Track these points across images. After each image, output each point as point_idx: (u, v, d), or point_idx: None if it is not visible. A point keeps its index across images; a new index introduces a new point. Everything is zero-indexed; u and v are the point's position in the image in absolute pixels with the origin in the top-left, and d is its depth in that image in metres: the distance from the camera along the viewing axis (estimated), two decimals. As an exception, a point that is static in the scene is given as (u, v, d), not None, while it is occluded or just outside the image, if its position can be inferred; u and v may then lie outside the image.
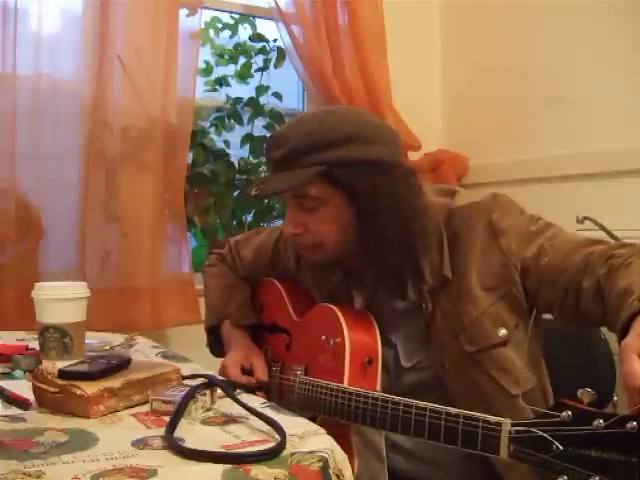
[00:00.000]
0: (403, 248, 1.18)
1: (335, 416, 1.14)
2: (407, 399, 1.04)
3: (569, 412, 0.80)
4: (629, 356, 0.82)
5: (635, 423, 0.74)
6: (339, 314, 1.23)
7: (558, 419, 0.81)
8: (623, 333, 0.89)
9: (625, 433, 0.75)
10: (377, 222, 1.16)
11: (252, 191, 1.23)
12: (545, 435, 0.82)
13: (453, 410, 0.97)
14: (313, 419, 1.16)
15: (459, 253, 1.18)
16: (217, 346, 1.51)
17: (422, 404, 1.01)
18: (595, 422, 0.77)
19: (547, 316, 1.22)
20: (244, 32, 2.72)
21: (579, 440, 0.79)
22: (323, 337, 1.24)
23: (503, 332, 1.15)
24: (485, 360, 1.16)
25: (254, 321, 1.48)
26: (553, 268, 1.11)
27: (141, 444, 0.82)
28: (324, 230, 1.20)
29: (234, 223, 2.64)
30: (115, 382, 0.96)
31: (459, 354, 1.17)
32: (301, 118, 1.24)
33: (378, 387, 1.18)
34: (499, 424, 0.89)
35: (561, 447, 0.80)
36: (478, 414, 0.93)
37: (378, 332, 1.22)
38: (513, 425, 0.88)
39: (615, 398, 0.79)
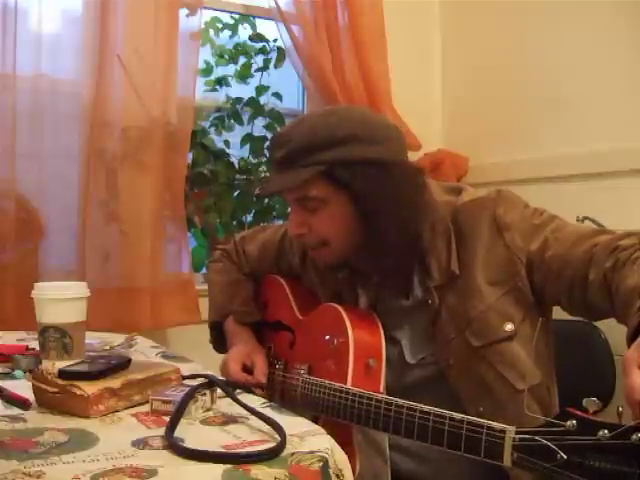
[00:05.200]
0: (405, 248, 1.18)
1: (338, 417, 1.15)
2: (411, 402, 1.04)
3: (574, 421, 0.79)
4: (631, 370, 0.82)
5: None
6: (343, 314, 1.23)
7: (563, 428, 0.80)
8: (632, 338, 0.90)
9: (630, 445, 0.74)
10: (378, 222, 1.17)
11: (256, 190, 1.24)
12: (549, 444, 0.81)
13: (457, 415, 0.96)
14: (316, 419, 1.16)
15: (465, 248, 1.18)
16: (220, 342, 1.51)
17: (426, 408, 1.01)
18: (600, 432, 0.76)
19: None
20: (244, 32, 2.71)
21: (583, 450, 0.78)
22: (327, 337, 1.24)
23: (509, 327, 1.15)
24: (491, 355, 1.16)
25: (257, 318, 1.48)
26: (558, 261, 1.12)
27: (141, 444, 0.82)
28: (327, 230, 1.20)
29: (234, 223, 2.63)
30: (115, 382, 0.96)
31: (465, 349, 1.17)
32: (303, 118, 1.25)
33: (381, 388, 1.18)
34: (503, 431, 0.89)
35: (565, 456, 0.80)
36: (482, 420, 0.93)
37: (382, 333, 1.23)
38: (517, 433, 0.87)
39: (620, 409, 0.78)
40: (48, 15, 2.14)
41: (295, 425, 0.89)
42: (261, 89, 2.67)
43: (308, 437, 0.85)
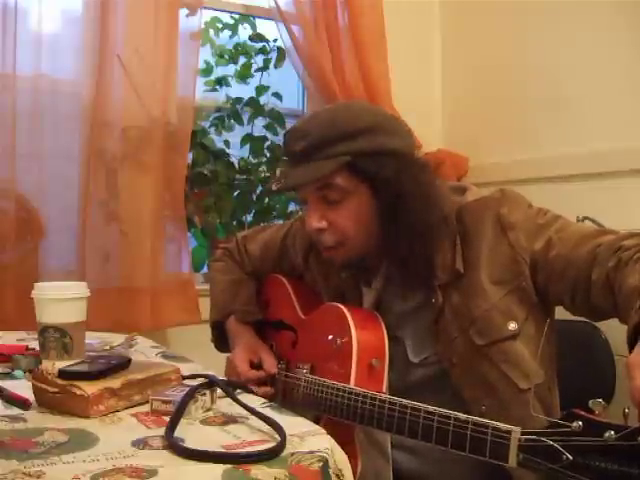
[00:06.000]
0: (423, 236, 1.18)
1: (341, 417, 1.14)
2: (415, 403, 1.04)
3: (580, 422, 0.79)
4: (636, 373, 0.81)
5: None
6: (347, 314, 1.23)
7: (569, 429, 0.80)
8: (633, 338, 0.89)
9: (637, 446, 0.74)
10: (400, 210, 1.17)
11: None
12: (555, 445, 0.81)
13: (462, 416, 0.96)
14: (318, 418, 1.16)
15: (469, 248, 1.19)
16: (222, 341, 1.51)
17: (430, 408, 1.01)
18: (606, 434, 0.76)
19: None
20: (244, 32, 2.71)
21: (589, 451, 0.78)
22: (330, 337, 1.24)
23: (513, 326, 1.15)
24: (494, 354, 1.16)
25: (259, 317, 1.48)
26: (562, 260, 1.12)
27: (141, 444, 0.82)
28: (347, 224, 1.19)
29: (234, 223, 2.63)
30: (115, 382, 0.96)
31: (468, 348, 1.17)
32: (318, 112, 1.25)
33: (384, 388, 1.18)
34: (509, 432, 0.89)
35: (571, 457, 0.80)
36: (487, 421, 0.93)
37: (385, 332, 1.22)
38: (523, 433, 0.87)
39: (626, 410, 0.78)
40: (48, 15, 2.14)
41: (295, 425, 0.89)
42: (261, 89, 2.67)
43: (308, 437, 0.85)
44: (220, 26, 2.69)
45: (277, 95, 2.68)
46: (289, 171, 1.24)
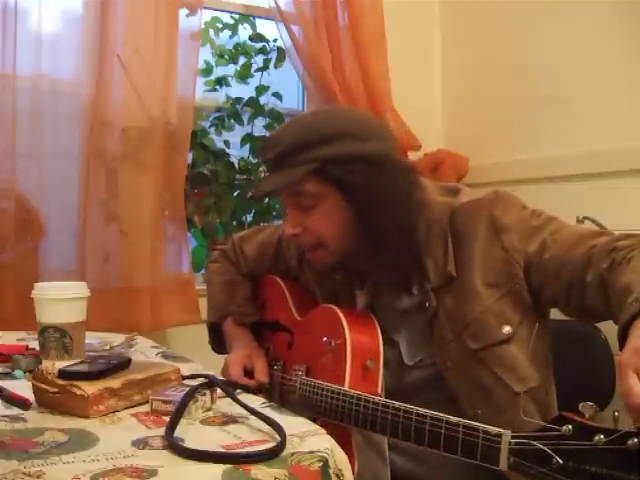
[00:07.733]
0: (402, 242, 1.17)
1: (336, 419, 1.14)
2: (407, 405, 1.03)
3: (570, 426, 0.79)
4: (626, 374, 0.81)
5: (636, 440, 0.73)
6: (341, 315, 1.23)
7: (559, 433, 0.80)
8: (623, 335, 0.89)
9: (626, 450, 0.74)
10: (373, 217, 1.16)
11: (250, 192, 1.26)
12: (545, 448, 0.81)
13: (453, 419, 0.96)
14: (313, 420, 1.16)
15: (462, 250, 1.18)
16: (219, 343, 1.51)
17: (422, 411, 1.00)
18: (596, 437, 0.76)
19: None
20: (244, 32, 2.71)
21: (579, 455, 0.78)
22: (325, 338, 1.24)
23: (507, 329, 1.15)
24: (489, 357, 1.15)
25: (256, 318, 1.48)
26: (556, 262, 1.11)
27: (141, 444, 0.82)
28: (322, 229, 1.20)
29: (234, 223, 2.63)
30: (115, 382, 0.96)
31: (462, 352, 1.16)
32: (293, 119, 1.27)
33: (379, 390, 1.18)
34: (499, 435, 0.89)
35: (561, 461, 0.80)
36: (478, 424, 0.93)
37: (380, 334, 1.22)
38: (513, 437, 0.87)
39: (616, 413, 0.78)
40: (48, 15, 2.14)
41: (295, 425, 0.89)
42: (261, 89, 2.67)
43: (308, 437, 0.85)
44: (220, 26, 2.69)
45: (277, 95, 2.68)
46: (265, 178, 1.27)
